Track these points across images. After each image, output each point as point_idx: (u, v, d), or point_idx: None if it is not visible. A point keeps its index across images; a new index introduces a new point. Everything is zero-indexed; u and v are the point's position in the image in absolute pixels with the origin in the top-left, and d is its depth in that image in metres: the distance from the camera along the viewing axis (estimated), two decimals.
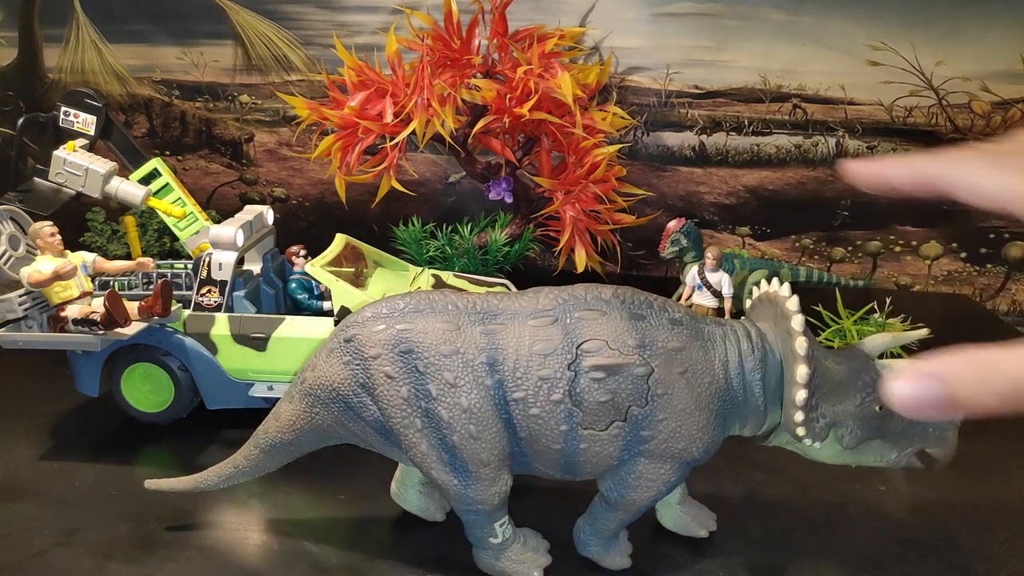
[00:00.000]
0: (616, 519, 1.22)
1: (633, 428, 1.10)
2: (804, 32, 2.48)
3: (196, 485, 1.35)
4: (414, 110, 2.09)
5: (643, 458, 1.13)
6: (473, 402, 1.09)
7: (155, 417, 1.69)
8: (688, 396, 1.10)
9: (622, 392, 1.08)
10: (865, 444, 1.14)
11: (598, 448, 1.11)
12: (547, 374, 1.08)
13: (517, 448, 1.14)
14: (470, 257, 2.38)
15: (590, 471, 1.16)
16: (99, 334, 1.52)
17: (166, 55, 2.76)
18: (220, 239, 1.67)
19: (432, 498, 1.38)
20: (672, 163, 2.67)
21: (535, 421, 1.10)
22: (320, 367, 1.19)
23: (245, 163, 2.87)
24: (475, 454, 1.11)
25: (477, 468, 1.12)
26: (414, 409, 1.11)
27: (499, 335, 1.10)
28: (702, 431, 1.12)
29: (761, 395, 1.15)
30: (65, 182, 1.76)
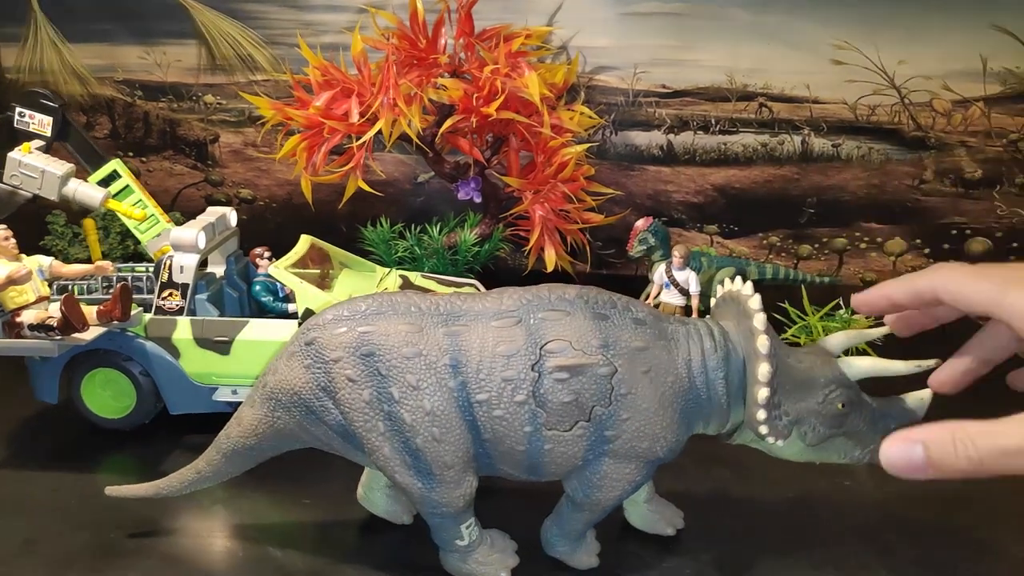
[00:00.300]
0: (583, 519, 1.22)
1: (597, 428, 1.10)
2: (770, 32, 2.51)
3: (158, 491, 1.32)
4: (380, 110, 2.08)
5: (608, 458, 1.13)
6: (436, 404, 1.08)
7: (117, 423, 1.66)
8: (652, 395, 1.10)
9: (586, 392, 1.08)
10: (828, 441, 1.14)
11: (563, 449, 1.11)
12: (511, 375, 1.08)
13: (481, 450, 1.13)
14: (439, 257, 2.37)
15: (555, 472, 1.16)
16: (56, 339, 1.48)
17: (128, 55, 2.72)
18: (181, 241, 1.64)
19: (399, 501, 1.37)
20: (640, 162, 2.68)
21: (499, 423, 1.09)
22: (281, 371, 1.18)
23: (210, 164, 2.83)
24: (439, 457, 1.10)
25: (441, 471, 1.12)
26: (376, 412, 1.10)
27: (462, 336, 1.09)
28: (666, 430, 1.13)
29: (724, 393, 1.15)
30: (20, 184, 1.72)
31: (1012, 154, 2.51)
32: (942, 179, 2.55)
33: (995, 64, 2.44)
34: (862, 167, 2.60)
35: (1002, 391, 0.82)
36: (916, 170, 2.56)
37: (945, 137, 2.53)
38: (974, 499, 1.46)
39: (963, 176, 2.54)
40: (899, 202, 2.59)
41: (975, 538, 1.36)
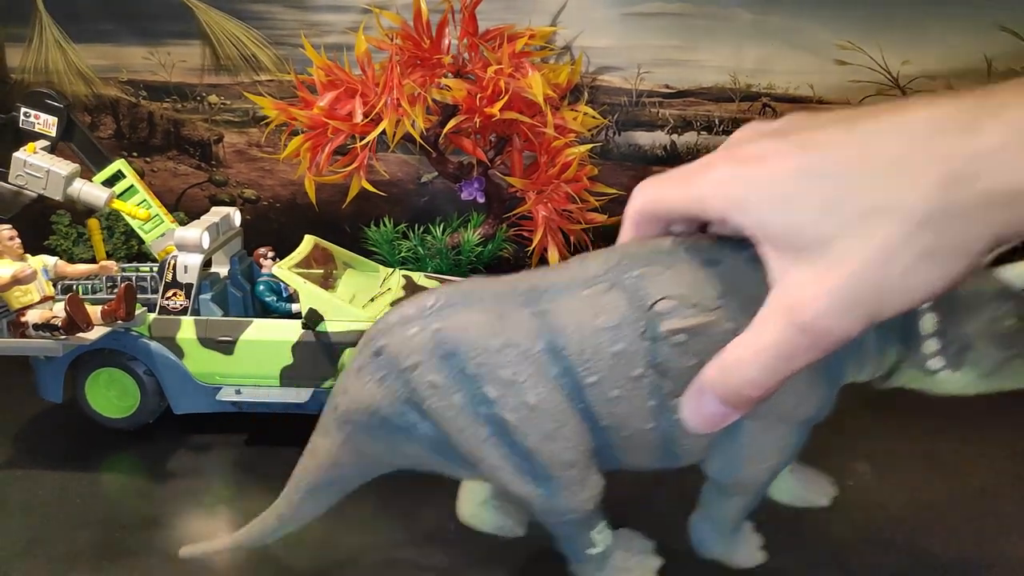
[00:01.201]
0: (735, 506, 1.08)
1: None
2: (773, 32, 2.50)
3: (238, 543, 1.21)
4: (384, 110, 2.08)
5: (751, 422, 0.97)
6: (541, 397, 0.93)
7: (121, 423, 1.67)
8: None
9: (711, 352, 0.76)
10: (1006, 365, 0.97)
11: None
12: (620, 348, 0.91)
13: (603, 441, 0.98)
14: (443, 258, 2.37)
15: (692, 448, 1.01)
16: (61, 339, 1.49)
17: (132, 55, 2.72)
18: (185, 241, 1.65)
19: (510, 513, 1.24)
20: (644, 162, 2.68)
21: (617, 404, 0.94)
22: (352, 389, 1.03)
23: (214, 164, 2.83)
24: (556, 456, 0.96)
25: (561, 472, 0.98)
26: (473, 418, 0.96)
27: (552, 315, 0.93)
28: (811, 384, 0.97)
29: (872, 332, 0.90)
30: (26, 184, 1.72)
31: None
32: None
33: (1000, 65, 2.44)
34: None
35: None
36: None
37: None
38: (978, 500, 1.46)
39: None
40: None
41: (978, 538, 1.35)
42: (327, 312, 1.60)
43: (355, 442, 1.07)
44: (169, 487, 1.48)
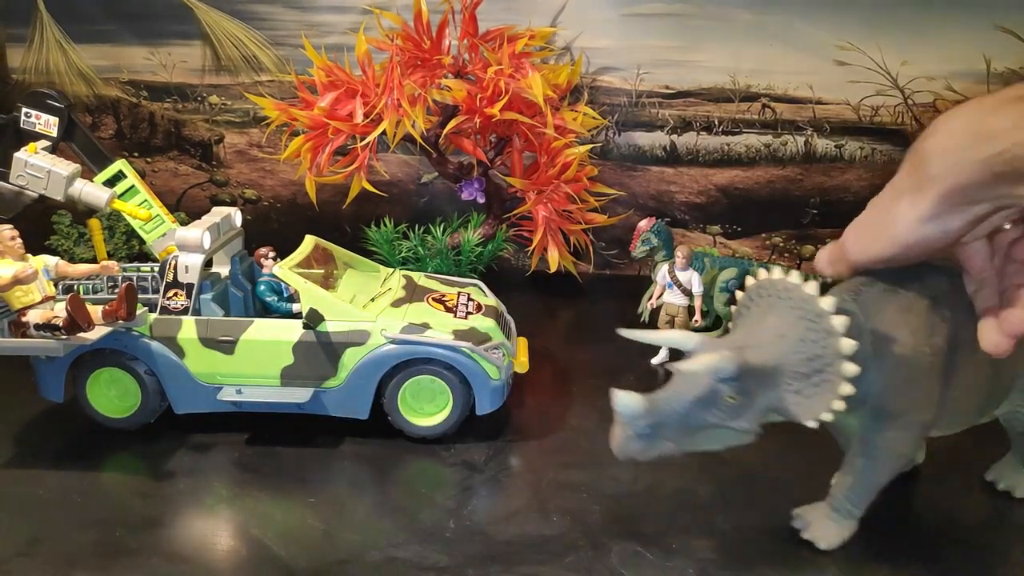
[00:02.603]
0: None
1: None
2: (772, 33, 2.50)
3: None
4: (384, 110, 2.09)
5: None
6: None
7: (121, 422, 1.67)
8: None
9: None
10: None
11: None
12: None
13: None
14: (443, 258, 2.38)
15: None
16: (62, 339, 1.49)
17: (133, 55, 2.72)
18: (186, 241, 1.65)
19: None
20: (643, 163, 2.68)
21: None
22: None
23: (215, 165, 2.84)
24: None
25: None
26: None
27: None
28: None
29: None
30: (27, 184, 1.73)
31: None
32: None
33: (999, 65, 2.44)
34: (865, 168, 2.60)
35: None
36: None
37: None
38: (977, 502, 1.47)
39: None
40: None
41: (978, 540, 1.36)
42: (328, 312, 1.60)
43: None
44: (169, 487, 1.49)
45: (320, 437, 1.65)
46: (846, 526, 1.31)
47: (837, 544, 1.31)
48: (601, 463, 1.57)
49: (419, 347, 1.59)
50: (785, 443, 1.63)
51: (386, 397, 1.62)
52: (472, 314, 1.70)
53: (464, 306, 1.73)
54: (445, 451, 1.61)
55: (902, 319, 1.18)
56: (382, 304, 1.69)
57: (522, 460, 1.59)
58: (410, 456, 1.60)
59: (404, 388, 1.62)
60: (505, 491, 1.49)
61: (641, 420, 1.17)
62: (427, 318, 1.65)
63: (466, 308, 1.73)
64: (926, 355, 1.17)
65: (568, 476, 1.52)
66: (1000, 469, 1.49)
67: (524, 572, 1.25)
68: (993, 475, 1.49)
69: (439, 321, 1.64)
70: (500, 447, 1.62)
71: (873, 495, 1.29)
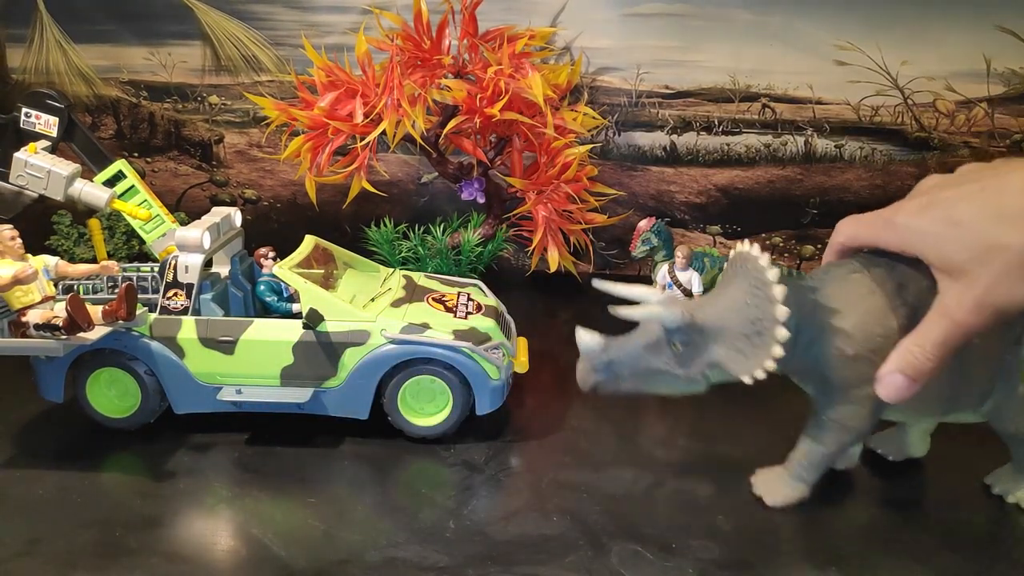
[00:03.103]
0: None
1: None
2: (772, 33, 2.51)
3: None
4: (384, 110, 2.09)
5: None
6: None
7: (121, 423, 1.67)
8: None
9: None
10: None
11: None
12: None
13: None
14: (443, 258, 2.38)
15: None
16: (62, 339, 1.49)
17: (133, 56, 2.72)
18: (186, 241, 1.65)
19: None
20: (643, 163, 2.68)
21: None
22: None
23: (215, 165, 2.84)
24: None
25: None
26: None
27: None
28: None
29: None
30: (27, 185, 1.73)
31: (1016, 154, 2.51)
32: None
33: (999, 65, 2.44)
34: (865, 168, 2.60)
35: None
36: (919, 171, 2.55)
37: (948, 138, 2.53)
38: (978, 501, 1.47)
39: None
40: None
41: (979, 538, 1.36)
42: (328, 312, 1.60)
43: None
44: (169, 487, 1.48)
45: (320, 437, 1.65)
46: (796, 488, 1.42)
47: (781, 503, 1.42)
48: (601, 463, 1.57)
49: (419, 347, 1.59)
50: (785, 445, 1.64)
51: (386, 397, 1.62)
52: (472, 314, 1.70)
53: (464, 306, 1.73)
54: (445, 451, 1.61)
55: (860, 299, 1.27)
56: (382, 304, 1.69)
57: (522, 460, 1.59)
58: (410, 456, 1.60)
59: (404, 388, 1.62)
60: (505, 491, 1.49)
61: (598, 356, 1.35)
62: (427, 318, 1.65)
63: (466, 308, 1.73)
64: (876, 335, 1.25)
65: (568, 476, 1.52)
66: (999, 474, 1.49)
67: (524, 572, 1.25)
68: (991, 479, 1.49)
69: (439, 321, 1.64)
70: (500, 447, 1.62)
71: (823, 463, 1.40)
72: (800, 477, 1.41)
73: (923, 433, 1.55)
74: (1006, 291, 0.98)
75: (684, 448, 1.62)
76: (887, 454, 1.58)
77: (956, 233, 1.02)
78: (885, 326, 1.25)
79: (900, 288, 1.25)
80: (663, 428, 1.72)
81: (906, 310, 1.24)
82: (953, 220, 1.03)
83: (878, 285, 1.26)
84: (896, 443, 1.57)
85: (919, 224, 1.09)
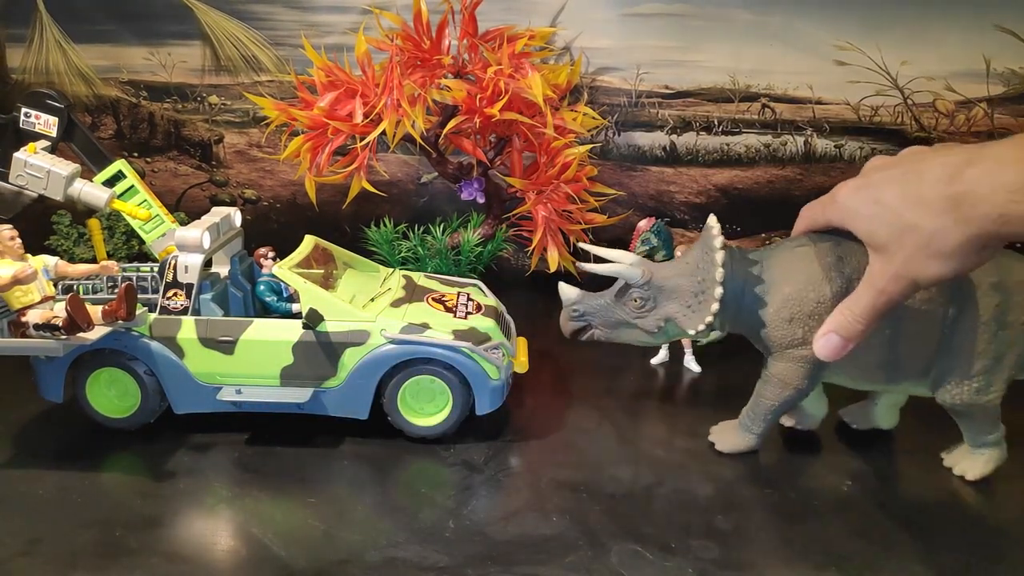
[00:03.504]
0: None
1: None
2: (772, 33, 2.51)
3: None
4: (384, 110, 2.09)
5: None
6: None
7: (121, 423, 1.67)
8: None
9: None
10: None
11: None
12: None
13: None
14: (443, 258, 2.38)
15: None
16: (61, 339, 1.49)
17: (133, 56, 2.72)
18: (186, 241, 1.65)
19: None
20: (643, 163, 2.68)
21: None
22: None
23: (215, 165, 2.84)
24: None
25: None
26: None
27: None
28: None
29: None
30: (26, 185, 1.73)
31: None
32: None
33: (998, 64, 2.44)
34: None
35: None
36: None
37: (948, 138, 2.53)
38: (976, 501, 1.47)
39: None
40: None
41: (979, 539, 1.36)
42: (327, 312, 1.60)
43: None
44: (169, 487, 1.48)
45: (320, 437, 1.65)
46: (744, 439, 1.58)
47: (728, 450, 1.58)
48: (601, 463, 1.57)
49: (419, 347, 1.59)
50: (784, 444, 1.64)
51: (386, 397, 1.62)
52: (472, 314, 1.70)
53: (464, 306, 1.73)
54: (445, 451, 1.61)
55: (800, 268, 1.43)
56: (382, 304, 1.69)
57: (522, 460, 1.59)
58: (410, 456, 1.60)
59: (404, 388, 1.62)
60: (505, 491, 1.49)
61: (574, 306, 1.58)
62: (427, 318, 1.65)
63: (466, 308, 1.73)
64: (810, 300, 1.41)
65: (568, 476, 1.52)
66: (951, 449, 1.57)
67: (523, 572, 1.25)
68: (945, 452, 1.58)
69: (439, 321, 1.64)
70: (500, 447, 1.62)
71: (766, 416, 1.54)
72: (747, 428, 1.57)
73: (890, 406, 1.66)
74: (918, 266, 1.09)
75: (683, 448, 1.62)
76: (853, 423, 1.70)
77: (880, 212, 1.12)
78: (819, 293, 1.40)
79: (839, 261, 1.40)
80: (663, 428, 1.72)
81: (841, 280, 1.39)
82: (879, 200, 1.13)
83: (818, 257, 1.41)
84: (864, 414, 1.69)
85: (852, 202, 1.20)
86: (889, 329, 1.39)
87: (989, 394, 1.43)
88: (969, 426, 1.50)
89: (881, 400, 1.66)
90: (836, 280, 1.39)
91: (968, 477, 1.51)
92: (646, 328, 1.54)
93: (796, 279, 1.43)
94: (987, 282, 1.38)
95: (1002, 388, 1.44)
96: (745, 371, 1.61)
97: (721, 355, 2.04)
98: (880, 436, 1.68)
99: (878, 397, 1.66)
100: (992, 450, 1.50)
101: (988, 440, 1.49)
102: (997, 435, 1.49)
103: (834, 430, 1.71)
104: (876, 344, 1.40)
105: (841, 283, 1.39)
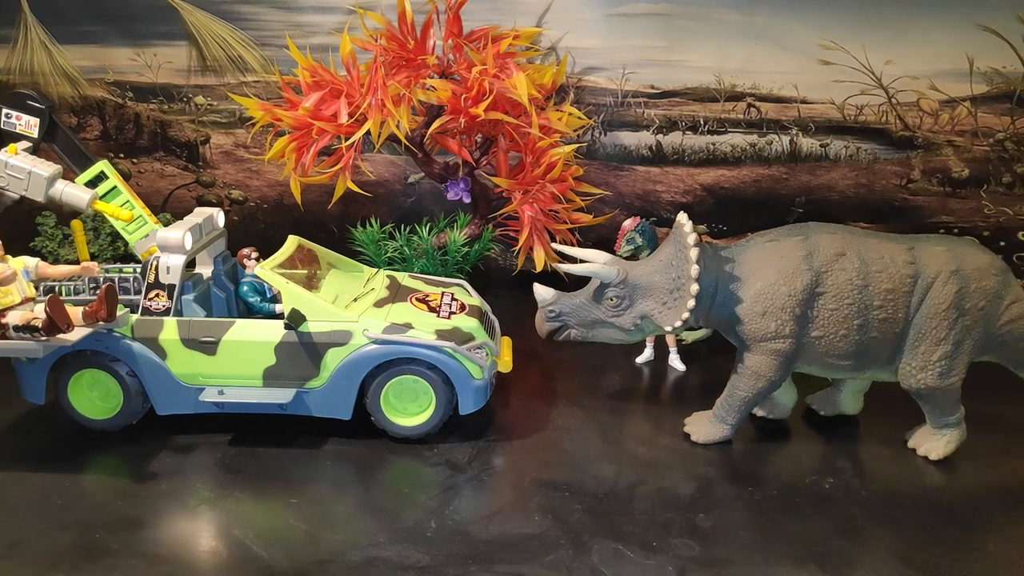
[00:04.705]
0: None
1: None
2: (758, 32, 2.51)
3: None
4: (369, 110, 2.08)
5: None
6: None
7: (104, 424, 1.66)
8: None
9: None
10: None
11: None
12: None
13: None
14: (429, 258, 2.38)
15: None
16: (41, 340, 1.48)
17: (118, 56, 2.71)
18: (168, 242, 1.64)
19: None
20: (629, 162, 2.68)
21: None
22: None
23: (201, 165, 2.82)
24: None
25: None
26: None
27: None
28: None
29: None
30: (7, 186, 1.71)
31: (999, 153, 2.52)
32: (929, 178, 2.56)
33: (981, 64, 2.45)
34: (850, 167, 2.61)
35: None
36: (904, 169, 2.57)
37: (932, 137, 2.54)
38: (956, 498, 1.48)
39: (950, 175, 2.55)
40: (887, 201, 2.60)
41: (956, 536, 1.37)
42: (310, 312, 1.60)
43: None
44: (152, 488, 1.48)
45: (303, 437, 1.64)
46: (718, 428, 1.61)
47: (703, 440, 1.62)
48: (584, 462, 1.57)
49: (401, 347, 1.59)
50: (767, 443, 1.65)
51: (369, 397, 1.62)
52: (455, 314, 1.70)
53: (447, 306, 1.73)
54: (428, 451, 1.61)
55: (772, 263, 1.49)
56: (364, 304, 1.69)
57: (505, 459, 1.59)
58: (393, 456, 1.60)
59: (387, 388, 1.62)
60: (487, 490, 1.49)
61: (550, 307, 1.60)
62: (410, 318, 1.65)
63: (449, 308, 1.73)
64: (782, 294, 1.48)
65: (550, 475, 1.53)
66: (914, 430, 1.63)
67: (504, 571, 1.25)
68: (909, 434, 1.64)
69: (422, 321, 1.64)
70: (483, 447, 1.63)
71: (740, 406, 1.58)
72: (722, 418, 1.61)
73: (855, 393, 1.71)
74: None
75: (667, 447, 1.63)
76: (820, 409, 1.75)
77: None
78: (791, 287, 1.47)
79: (808, 256, 1.48)
80: (647, 427, 1.72)
81: (811, 274, 1.47)
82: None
83: (788, 252, 1.49)
84: (830, 401, 1.74)
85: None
86: (859, 320, 1.47)
87: (951, 378, 1.49)
88: (932, 409, 1.54)
89: (846, 387, 1.70)
90: (806, 274, 1.47)
91: (932, 457, 1.56)
92: (622, 326, 1.57)
93: (768, 274, 1.49)
94: (947, 270, 1.45)
95: (962, 372, 1.50)
96: (729, 370, 1.62)
97: (706, 354, 2.04)
98: (845, 422, 1.72)
99: (843, 384, 1.71)
100: (953, 431, 1.55)
101: (950, 421, 1.54)
102: (958, 416, 1.55)
103: (801, 417, 1.73)
104: (847, 334, 1.48)
105: (811, 277, 1.47)
